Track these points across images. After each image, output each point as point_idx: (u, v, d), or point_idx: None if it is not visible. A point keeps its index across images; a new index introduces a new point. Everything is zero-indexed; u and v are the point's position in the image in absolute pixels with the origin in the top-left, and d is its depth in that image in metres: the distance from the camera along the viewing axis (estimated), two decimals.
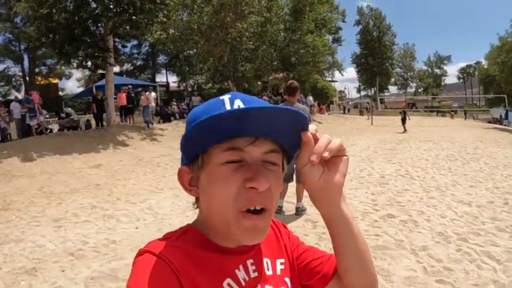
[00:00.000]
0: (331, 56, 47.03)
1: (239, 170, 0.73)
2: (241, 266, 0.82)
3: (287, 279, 0.89)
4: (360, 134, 20.07)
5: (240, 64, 24.93)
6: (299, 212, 6.16)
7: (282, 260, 0.91)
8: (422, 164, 10.95)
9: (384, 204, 6.62)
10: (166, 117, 22.75)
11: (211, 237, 0.81)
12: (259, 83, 33.54)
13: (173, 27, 22.20)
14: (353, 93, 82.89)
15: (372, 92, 64.82)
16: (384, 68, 61.43)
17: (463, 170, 10.45)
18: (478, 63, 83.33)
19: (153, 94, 21.47)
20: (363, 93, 73.55)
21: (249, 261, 0.84)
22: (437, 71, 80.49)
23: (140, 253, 0.75)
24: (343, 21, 44.65)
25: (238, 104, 0.75)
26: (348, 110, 43.31)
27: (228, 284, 0.78)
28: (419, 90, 79.10)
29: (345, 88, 77.62)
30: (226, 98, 0.78)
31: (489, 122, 43.54)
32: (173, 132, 18.60)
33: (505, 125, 38.56)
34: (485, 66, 48.42)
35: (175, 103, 26.28)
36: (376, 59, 59.48)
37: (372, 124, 27.07)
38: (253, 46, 23.98)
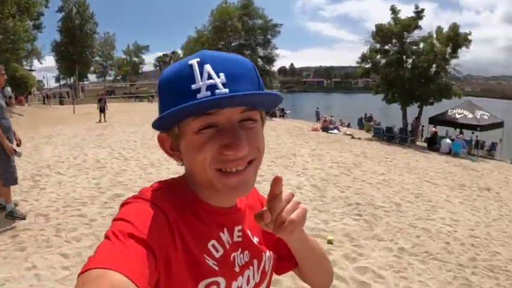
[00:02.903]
0: (30, 44, 42.24)
1: (215, 137, 0.74)
2: (225, 229, 0.85)
3: (263, 254, 0.94)
4: (65, 123, 19.16)
5: None
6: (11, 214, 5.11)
7: (257, 239, 0.95)
8: (132, 146, 11.37)
9: (108, 186, 6.68)
10: None
11: (199, 193, 0.83)
12: None
13: None
14: (51, 83, 77.21)
15: (72, 80, 61.94)
16: (84, 57, 59.64)
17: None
18: (174, 52, 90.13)
19: None
20: (62, 82, 69.39)
21: (235, 226, 0.88)
22: (135, 59, 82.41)
23: (133, 198, 0.76)
24: (46, 7, 40.47)
25: (208, 71, 0.72)
26: (49, 99, 40.37)
27: (213, 245, 0.80)
28: (118, 78, 79.62)
29: (44, 77, 71.69)
30: (195, 63, 0.73)
31: None
32: None
33: None
34: (181, 56, 52.54)
35: None
36: (76, 47, 57.03)
37: (74, 113, 26.20)
38: None
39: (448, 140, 20.24)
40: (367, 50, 27.60)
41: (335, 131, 23.38)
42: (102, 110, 20.91)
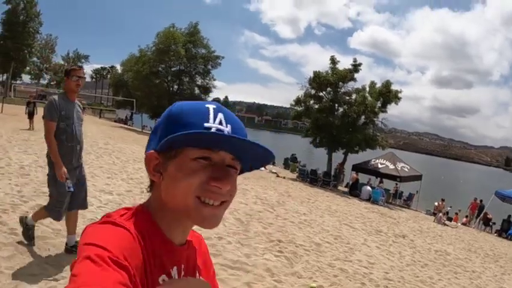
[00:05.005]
0: None
1: (208, 168, 0.82)
2: (175, 268, 0.88)
3: None
4: None
5: None
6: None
7: (202, 279, 0.98)
8: None
9: (32, 195, 6.29)
10: None
11: (159, 223, 0.87)
12: None
13: None
14: None
15: (5, 77, 58.21)
16: (22, 55, 56.29)
17: (98, 163, 10.91)
18: (112, 67, 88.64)
19: None
20: None
21: (182, 265, 0.91)
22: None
23: (103, 221, 0.79)
24: None
25: (221, 118, 0.84)
26: None
27: (163, 280, 0.83)
28: (52, 83, 76.14)
29: None
30: (211, 108, 0.85)
31: (115, 121, 47.00)
32: None
33: (130, 125, 42.91)
34: (119, 71, 51.15)
35: None
36: (16, 44, 53.70)
37: (2, 112, 24.66)
38: None
39: (369, 188, 21.13)
40: (302, 94, 28.51)
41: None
42: (31, 115, 18.69)
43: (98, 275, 0.63)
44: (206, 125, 0.82)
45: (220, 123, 0.84)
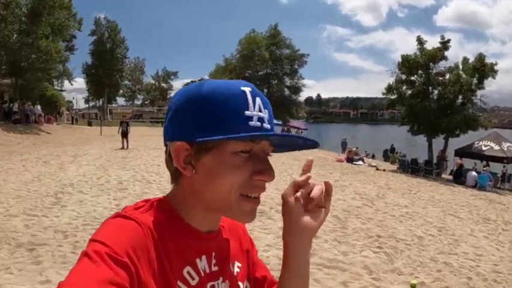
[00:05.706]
0: (61, 64, 43.41)
1: (249, 161, 0.76)
2: (203, 257, 0.82)
3: (240, 284, 0.91)
4: (91, 144, 19.63)
5: None
6: None
7: (239, 264, 0.93)
8: (155, 169, 11.42)
9: None
10: None
11: (183, 214, 0.81)
12: None
13: None
14: (80, 104, 79.17)
15: (101, 103, 63.35)
16: (114, 80, 60.78)
17: None
18: (201, 79, 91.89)
19: None
20: (91, 103, 70.95)
21: (213, 254, 0.85)
22: (163, 85, 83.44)
23: (116, 215, 0.74)
24: (78, 30, 41.24)
25: (259, 104, 0.78)
26: (77, 120, 41.12)
27: (188, 272, 0.78)
28: (146, 102, 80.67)
29: (73, 98, 73.28)
30: (247, 92, 0.77)
31: None
32: None
33: None
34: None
35: None
36: (107, 71, 58.33)
37: (101, 134, 26.75)
38: None
39: (474, 173, 19.80)
40: (393, 81, 27.49)
41: (360, 162, 23.28)
42: (124, 135, 18.53)
43: (88, 273, 0.59)
44: (247, 113, 0.75)
45: (260, 109, 0.77)
